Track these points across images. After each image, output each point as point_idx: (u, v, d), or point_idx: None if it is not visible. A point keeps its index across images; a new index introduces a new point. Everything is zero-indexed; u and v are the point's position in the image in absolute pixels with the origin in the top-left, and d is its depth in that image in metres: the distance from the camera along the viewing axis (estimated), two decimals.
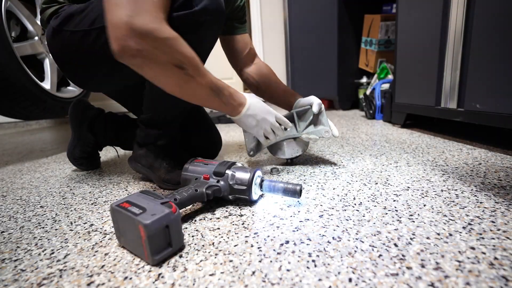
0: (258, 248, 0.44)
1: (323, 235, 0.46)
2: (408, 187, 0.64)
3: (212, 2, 0.56)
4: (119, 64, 0.65)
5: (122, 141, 0.90)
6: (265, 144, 0.76)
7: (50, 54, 0.71)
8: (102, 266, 0.42)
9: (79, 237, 0.51)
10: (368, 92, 1.73)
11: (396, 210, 0.53)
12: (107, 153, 1.18)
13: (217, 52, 0.91)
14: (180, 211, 0.54)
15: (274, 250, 0.43)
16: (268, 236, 0.47)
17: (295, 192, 0.55)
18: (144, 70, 0.52)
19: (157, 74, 0.53)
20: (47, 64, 1.40)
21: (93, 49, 0.64)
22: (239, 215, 0.55)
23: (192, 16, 0.55)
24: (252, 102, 0.67)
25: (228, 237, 0.48)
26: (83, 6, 0.64)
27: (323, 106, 0.77)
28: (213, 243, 0.46)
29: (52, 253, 0.47)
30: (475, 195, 0.58)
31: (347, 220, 0.51)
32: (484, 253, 0.40)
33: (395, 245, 0.43)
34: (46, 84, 1.35)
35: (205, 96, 0.59)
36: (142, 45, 0.48)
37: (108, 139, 0.90)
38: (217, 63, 2.96)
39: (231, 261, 0.42)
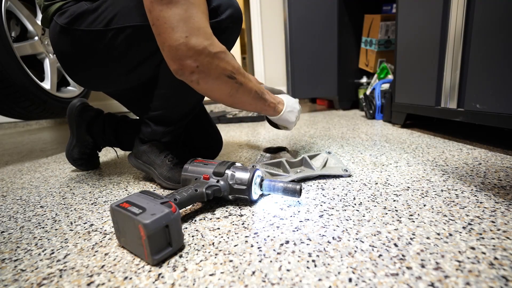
0: (258, 248, 0.44)
1: (323, 235, 0.46)
2: (408, 187, 0.64)
3: (235, 11, 0.61)
4: (133, 64, 0.67)
5: (121, 142, 0.90)
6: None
7: (54, 52, 0.70)
8: (102, 266, 0.42)
9: (79, 237, 0.51)
10: (368, 92, 1.73)
11: (396, 210, 0.53)
12: (107, 153, 1.18)
13: None
14: (180, 211, 0.54)
15: (274, 250, 0.43)
16: (268, 236, 0.47)
17: (295, 192, 0.55)
18: (200, 84, 0.57)
19: (211, 87, 0.58)
20: (47, 64, 1.40)
21: (107, 49, 0.64)
22: (239, 215, 0.55)
23: (218, 24, 0.59)
24: (286, 99, 0.75)
25: (228, 237, 0.48)
26: (95, 5, 0.63)
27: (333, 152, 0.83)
28: (213, 243, 0.46)
29: (52, 253, 0.47)
30: (475, 195, 0.58)
31: (347, 220, 0.51)
32: (484, 253, 0.40)
33: (395, 245, 0.43)
34: (46, 84, 1.35)
35: (252, 100, 0.65)
36: (198, 62, 0.53)
37: (107, 141, 0.89)
38: None
39: (231, 261, 0.42)
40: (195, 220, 0.54)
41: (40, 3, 0.68)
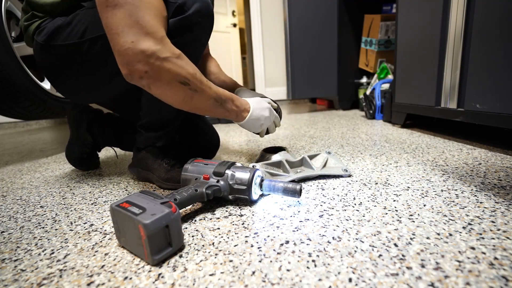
0: (258, 248, 0.44)
1: (323, 235, 0.46)
2: (408, 187, 0.64)
3: (202, 6, 0.60)
4: (112, 72, 0.66)
5: (121, 142, 0.90)
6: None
7: (39, 69, 0.73)
8: (102, 266, 0.42)
9: (79, 237, 0.51)
10: (368, 92, 1.73)
11: (396, 210, 0.53)
12: (107, 153, 1.18)
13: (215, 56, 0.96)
14: (180, 211, 0.54)
15: (274, 250, 0.43)
16: (268, 236, 0.47)
17: (295, 192, 0.55)
18: (152, 89, 0.56)
19: (164, 92, 0.56)
20: None
21: (86, 59, 0.65)
22: (239, 215, 0.55)
23: (185, 20, 0.59)
24: (254, 107, 0.71)
25: (228, 237, 0.48)
26: (69, 19, 0.64)
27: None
28: (213, 243, 0.46)
29: (52, 253, 0.47)
30: (475, 195, 0.58)
31: (347, 220, 0.51)
32: (484, 253, 0.40)
33: (395, 245, 0.43)
34: (46, 84, 1.35)
35: (210, 107, 0.63)
36: (148, 67, 0.52)
37: (107, 140, 0.90)
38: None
39: (231, 261, 0.42)
40: (195, 220, 0.54)
41: (21, 24, 0.70)
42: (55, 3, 0.64)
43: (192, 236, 0.49)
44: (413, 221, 0.49)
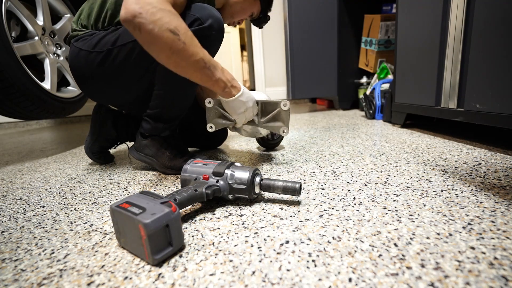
0: (258, 248, 0.44)
1: (323, 235, 0.46)
2: (408, 187, 0.64)
3: (215, 21, 0.70)
4: (133, 78, 0.78)
5: None
6: (237, 127, 0.85)
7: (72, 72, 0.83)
8: (102, 266, 0.42)
9: (79, 237, 0.51)
10: (368, 92, 1.74)
11: (396, 210, 0.53)
12: None
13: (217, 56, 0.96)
14: (180, 211, 0.54)
15: (274, 250, 0.44)
16: (268, 236, 0.47)
17: (295, 190, 0.55)
18: (142, 32, 0.57)
19: (151, 36, 0.57)
20: (47, 64, 1.40)
21: (114, 66, 0.76)
22: (239, 215, 0.55)
23: (200, 31, 0.68)
24: (245, 89, 0.73)
25: (228, 237, 0.48)
26: (103, 33, 0.76)
27: (289, 104, 0.76)
28: (213, 243, 0.46)
29: (52, 253, 0.47)
30: (475, 195, 0.58)
31: (347, 220, 0.51)
32: (484, 253, 0.40)
33: (395, 245, 0.43)
34: (46, 84, 1.34)
35: (197, 67, 0.62)
36: (143, 9, 0.55)
37: (130, 134, 0.97)
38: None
39: (231, 261, 0.42)
40: (195, 220, 0.54)
41: (72, 29, 0.81)
42: (93, 21, 0.77)
43: (192, 236, 0.49)
44: (413, 221, 0.49)
